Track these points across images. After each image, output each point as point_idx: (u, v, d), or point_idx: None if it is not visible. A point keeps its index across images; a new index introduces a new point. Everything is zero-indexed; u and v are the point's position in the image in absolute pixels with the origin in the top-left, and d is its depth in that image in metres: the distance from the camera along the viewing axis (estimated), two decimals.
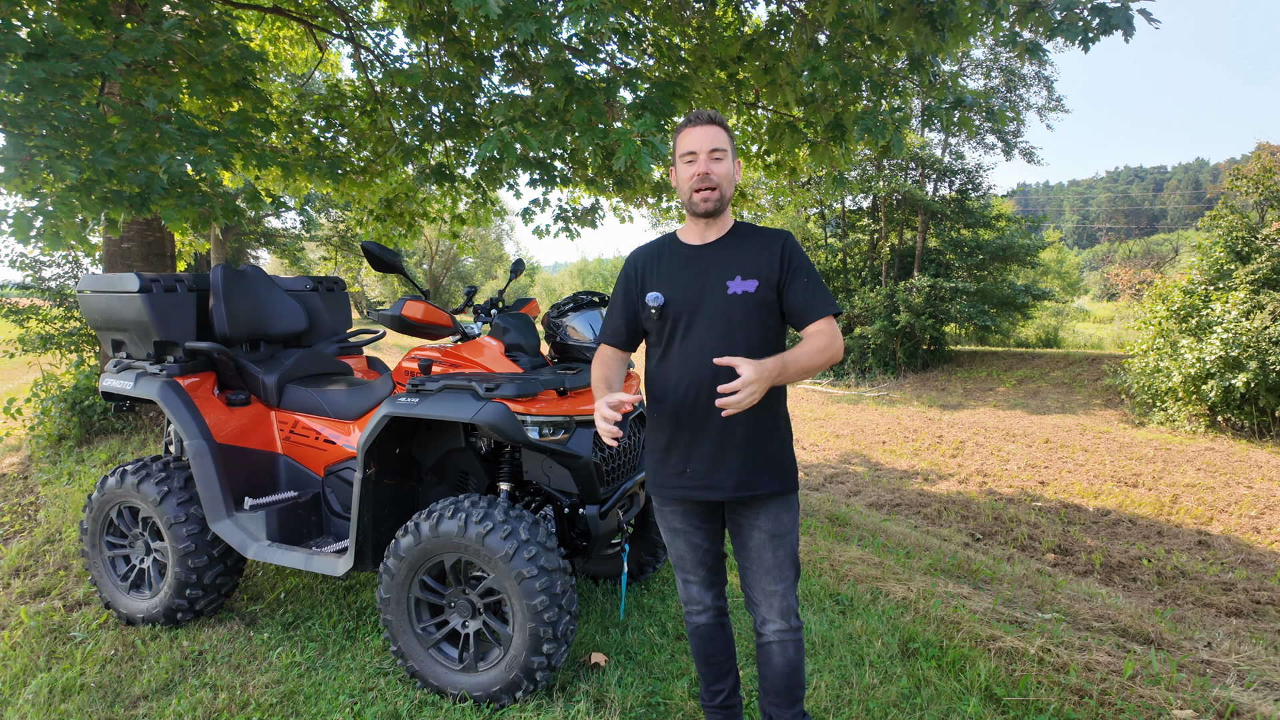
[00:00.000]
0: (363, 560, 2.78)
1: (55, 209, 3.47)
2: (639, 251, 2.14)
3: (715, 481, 2.00)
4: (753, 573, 2.08)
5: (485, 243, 40.74)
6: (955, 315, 18.22)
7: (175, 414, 3.01)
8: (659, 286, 2.04)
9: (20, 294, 9.48)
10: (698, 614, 2.19)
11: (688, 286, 2.01)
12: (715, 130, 1.97)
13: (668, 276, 2.05)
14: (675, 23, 5.26)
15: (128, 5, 4.75)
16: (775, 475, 2.02)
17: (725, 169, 1.98)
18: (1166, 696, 2.76)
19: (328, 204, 21.34)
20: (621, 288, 2.13)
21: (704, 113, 2.00)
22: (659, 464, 2.09)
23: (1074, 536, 6.29)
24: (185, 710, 2.52)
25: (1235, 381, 10.50)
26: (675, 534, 2.14)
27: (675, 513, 2.11)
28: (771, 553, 2.04)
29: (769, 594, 2.06)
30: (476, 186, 6.47)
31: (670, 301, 2.01)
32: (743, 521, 2.07)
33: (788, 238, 2.05)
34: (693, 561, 2.14)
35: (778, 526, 2.04)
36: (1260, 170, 12.04)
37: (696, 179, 1.97)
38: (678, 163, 2.03)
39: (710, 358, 1.96)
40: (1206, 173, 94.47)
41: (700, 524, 2.11)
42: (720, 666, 2.22)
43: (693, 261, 2.04)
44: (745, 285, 1.97)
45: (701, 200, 1.98)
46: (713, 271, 2.01)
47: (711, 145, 1.96)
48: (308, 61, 7.77)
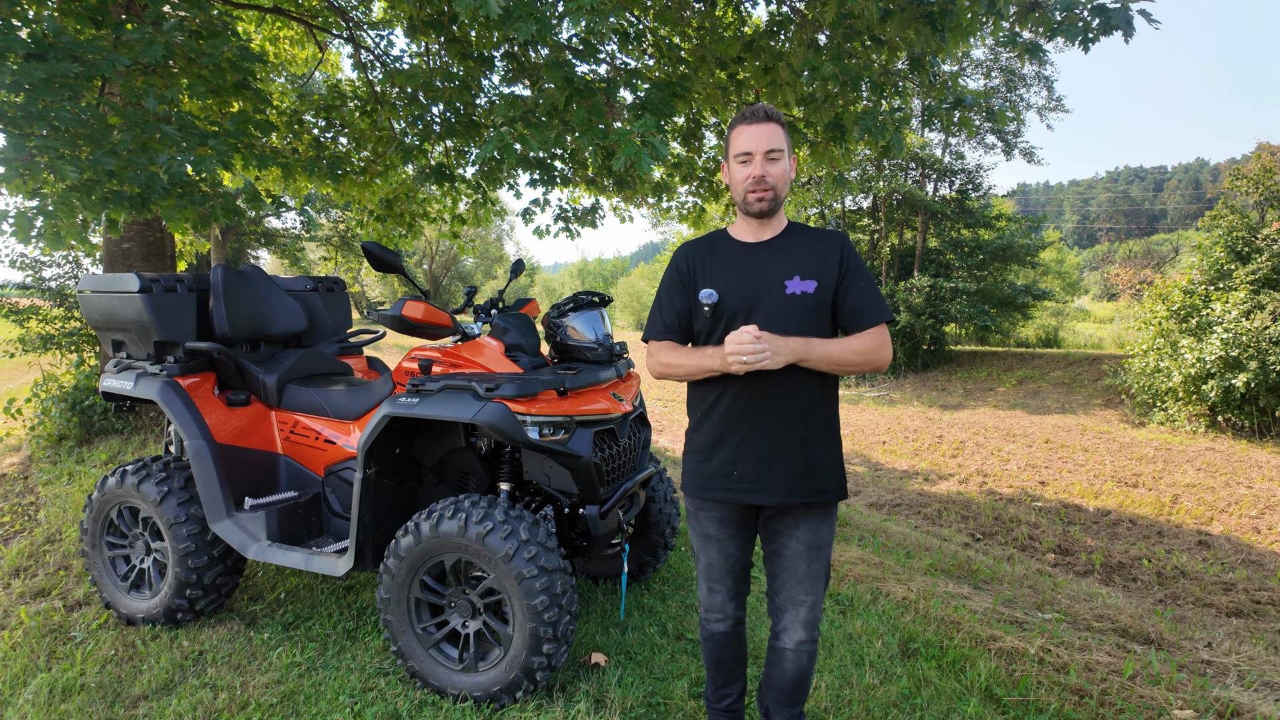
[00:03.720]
0: (363, 560, 2.78)
1: (56, 209, 3.47)
2: (688, 246, 2.07)
3: (763, 485, 1.94)
4: (783, 580, 2.03)
5: (485, 243, 40.75)
6: (955, 315, 18.22)
7: (175, 414, 3.01)
8: (712, 283, 1.97)
9: (20, 294, 9.48)
10: (716, 622, 2.14)
11: (742, 284, 1.95)
12: (772, 129, 1.90)
13: (721, 273, 1.98)
14: (675, 23, 5.26)
15: (128, 6, 4.75)
16: (825, 483, 1.96)
17: (781, 169, 1.92)
18: (1167, 696, 2.76)
19: (328, 204, 21.34)
20: (674, 280, 2.04)
21: (760, 109, 1.92)
22: (700, 465, 2.03)
23: (1074, 536, 6.29)
24: (185, 710, 2.52)
25: (1235, 381, 10.50)
26: (708, 540, 2.07)
27: (712, 518, 2.05)
28: (806, 564, 1.99)
29: (797, 603, 2.02)
30: (476, 186, 6.47)
31: (724, 298, 1.94)
32: (780, 529, 2.01)
33: (845, 240, 1.99)
34: (722, 570, 2.08)
35: (816, 538, 1.99)
36: (1260, 170, 12.04)
37: (751, 181, 1.91)
38: (731, 162, 1.96)
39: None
40: (1206, 173, 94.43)
41: (735, 531, 2.05)
42: (732, 673, 2.19)
43: (747, 259, 1.98)
44: (805, 285, 1.92)
45: (756, 201, 1.92)
46: (769, 269, 1.95)
47: (768, 145, 1.89)
48: (308, 62, 7.77)
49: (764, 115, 1.90)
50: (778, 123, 1.92)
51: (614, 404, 2.81)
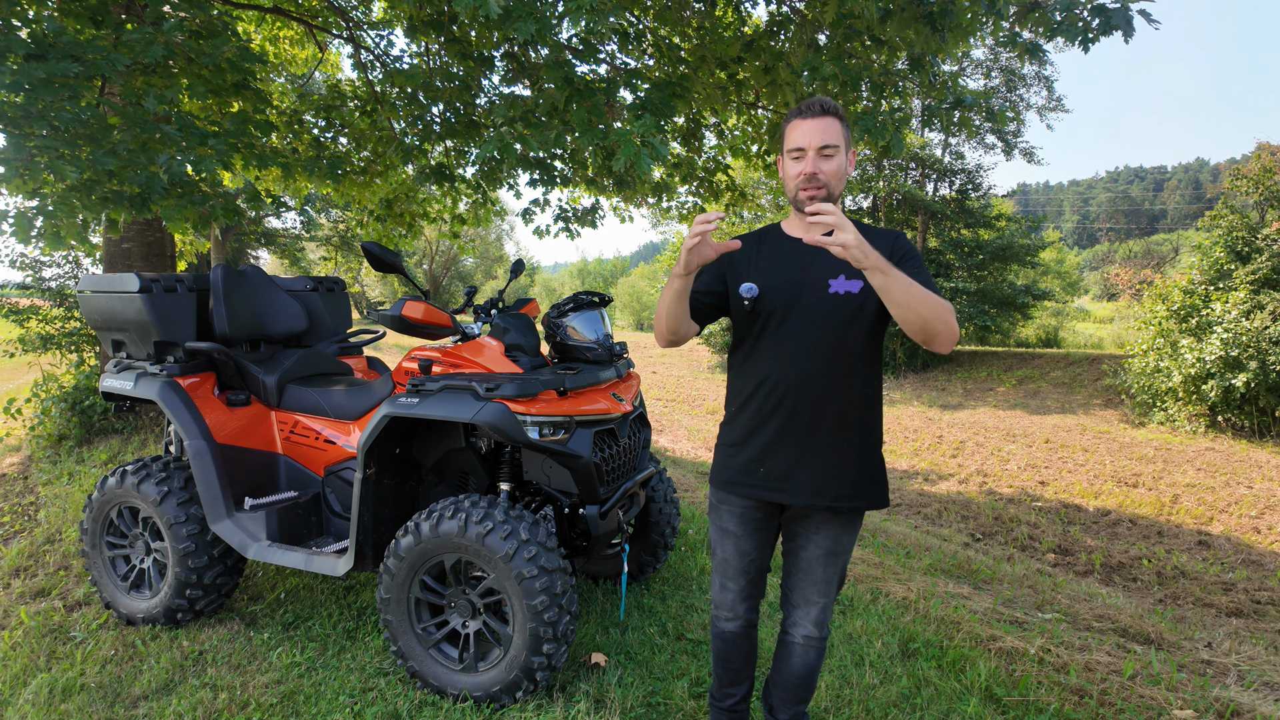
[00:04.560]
0: (363, 560, 2.78)
1: (56, 209, 3.47)
2: (742, 237, 1.97)
3: (789, 485, 1.90)
4: (797, 580, 2.02)
5: (485, 243, 40.75)
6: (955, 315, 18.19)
7: (175, 414, 3.01)
8: (754, 277, 1.91)
9: (20, 294, 9.49)
10: (726, 620, 2.11)
11: (786, 281, 1.88)
12: (828, 123, 1.80)
13: (766, 267, 1.92)
14: (675, 23, 5.26)
15: (128, 6, 4.75)
16: (855, 488, 1.89)
17: (836, 166, 1.82)
18: (1166, 696, 2.76)
19: (328, 204, 21.34)
20: (713, 261, 1.90)
21: (816, 101, 1.82)
22: (729, 458, 1.99)
23: (1074, 536, 6.29)
24: (185, 710, 2.52)
25: (1235, 381, 10.49)
26: (725, 535, 2.05)
27: (733, 513, 2.02)
28: (823, 569, 1.97)
29: (810, 603, 2.01)
30: (476, 186, 6.47)
31: (765, 294, 1.88)
32: (800, 532, 1.99)
33: (899, 236, 1.89)
34: (736, 568, 2.05)
35: (837, 545, 1.95)
36: (1260, 170, 12.04)
37: (803, 179, 1.82)
38: (785, 156, 1.87)
39: (802, 358, 1.86)
40: (1206, 173, 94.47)
41: (755, 530, 2.02)
42: (739, 673, 2.17)
43: (794, 254, 1.91)
44: (849, 285, 1.84)
45: (807, 199, 1.83)
46: (815, 267, 1.87)
47: (822, 141, 1.79)
48: (308, 61, 7.78)
49: (820, 109, 1.81)
50: (835, 116, 1.82)
51: (614, 404, 2.81)
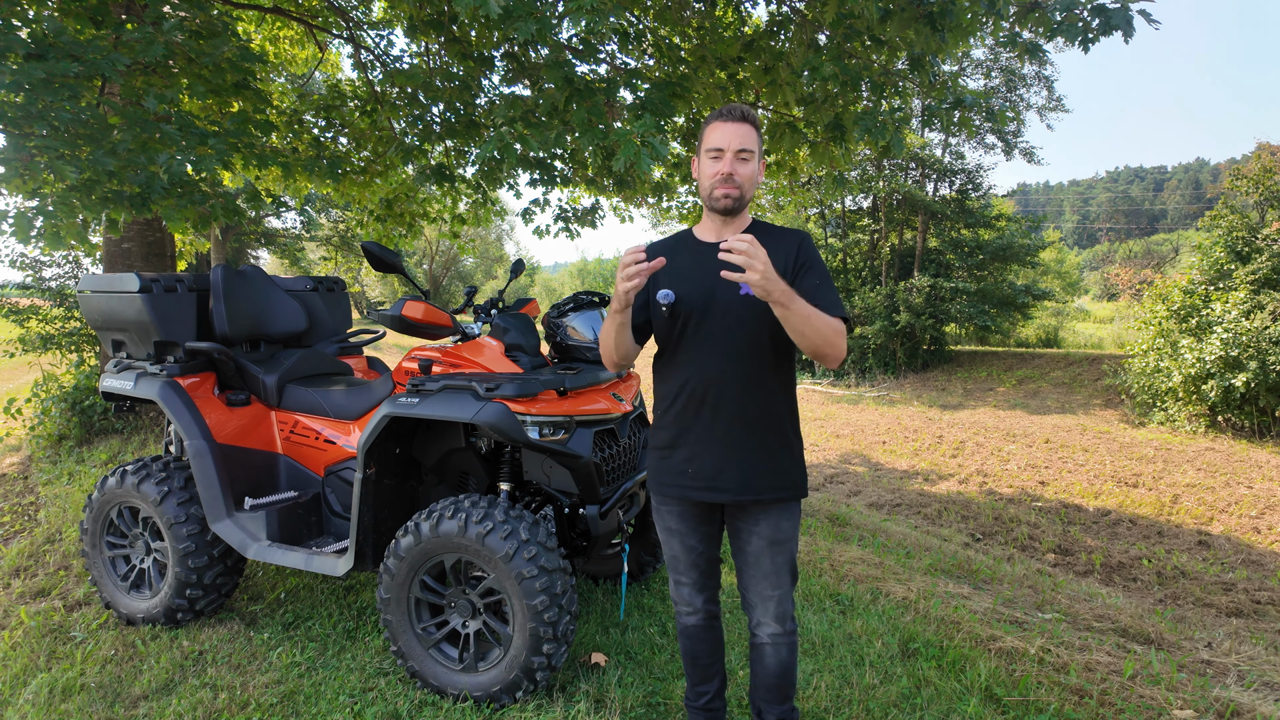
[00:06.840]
0: (363, 560, 2.78)
1: (56, 209, 3.47)
2: (654, 246, 2.08)
3: (718, 484, 1.97)
4: (750, 576, 2.07)
5: (485, 243, 40.73)
6: (955, 315, 18.21)
7: (175, 414, 3.01)
8: (670, 284, 1.98)
9: (20, 294, 9.50)
10: (687, 615, 2.18)
11: (699, 285, 1.95)
12: (746, 129, 1.90)
13: (680, 274, 1.98)
14: (675, 23, 5.26)
15: (128, 6, 4.75)
16: (780, 480, 1.98)
17: (750, 170, 1.93)
18: (1167, 696, 2.76)
19: (328, 204, 21.34)
20: None
21: (737, 108, 1.92)
22: (661, 461, 2.06)
23: (1074, 536, 6.29)
24: (185, 710, 2.52)
25: (1235, 381, 10.50)
26: (671, 534, 2.12)
27: (673, 513, 2.09)
28: (770, 559, 2.02)
29: (765, 598, 2.05)
30: (476, 186, 6.47)
31: (681, 299, 1.95)
32: (742, 526, 2.05)
33: (805, 238, 1.98)
34: (686, 563, 2.13)
35: (777, 534, 2.01)
36: (1260, 170, 12.04)
37: (720, 178, 1.92)
38: (702, 155, 1.96)
39: (720, 359, 1.93)
40: (1206, 173, 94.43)
41: (697, 526, 2.09)
42: (707, 669, 2.22)
43: (706, 259, 1.97)
44: None
45: (722, 198, 1.93)
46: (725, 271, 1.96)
47: (740, 144, 1.89)
48: (308, 61, 7.78)
49: (740, 115, 1.91)
50: (753, 125, 1.92)
51: (614, 404, 2.81)
